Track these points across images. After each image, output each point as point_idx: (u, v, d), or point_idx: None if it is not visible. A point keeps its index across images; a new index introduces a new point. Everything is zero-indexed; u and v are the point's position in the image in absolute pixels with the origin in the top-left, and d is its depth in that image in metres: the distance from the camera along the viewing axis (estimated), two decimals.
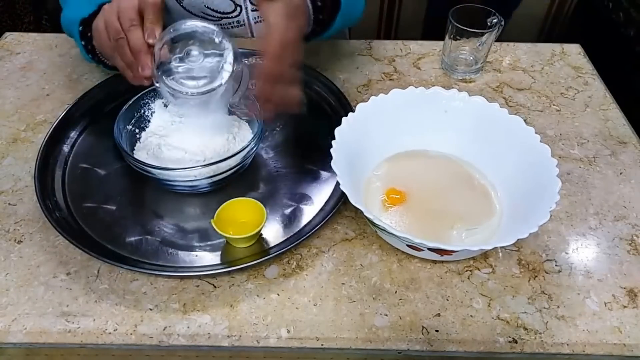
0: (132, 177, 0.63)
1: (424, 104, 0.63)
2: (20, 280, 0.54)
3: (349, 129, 0.58)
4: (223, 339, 0.50)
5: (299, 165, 0.66)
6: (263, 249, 0.57)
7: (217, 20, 0.89)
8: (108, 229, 0.59)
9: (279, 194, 0.63)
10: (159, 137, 0.63)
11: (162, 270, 0.54)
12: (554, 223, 0.61)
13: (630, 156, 0.69)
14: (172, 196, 0.62)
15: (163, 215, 0.60)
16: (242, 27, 0.90)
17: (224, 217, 0.55)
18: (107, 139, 0.62)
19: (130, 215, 0.60)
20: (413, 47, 0.88)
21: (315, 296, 0.53)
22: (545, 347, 0.50)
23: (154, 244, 0.57)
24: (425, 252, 0.53)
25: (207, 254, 0.56)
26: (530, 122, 0.73)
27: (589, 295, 0.54)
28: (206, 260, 0.56)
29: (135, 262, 0.55)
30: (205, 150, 0.61)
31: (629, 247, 0.59)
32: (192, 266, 0.55)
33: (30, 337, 0.50)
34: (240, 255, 0.56)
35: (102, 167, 0.66)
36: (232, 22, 0.89)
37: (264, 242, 0.57)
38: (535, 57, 0.86)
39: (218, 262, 0.56)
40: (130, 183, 0.64)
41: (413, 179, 0.62)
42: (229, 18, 0.88)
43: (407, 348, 0.50)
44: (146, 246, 0.57)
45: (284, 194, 0.63)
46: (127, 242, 0.57)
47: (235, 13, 0.87)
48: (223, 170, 0.58)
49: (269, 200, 0.61)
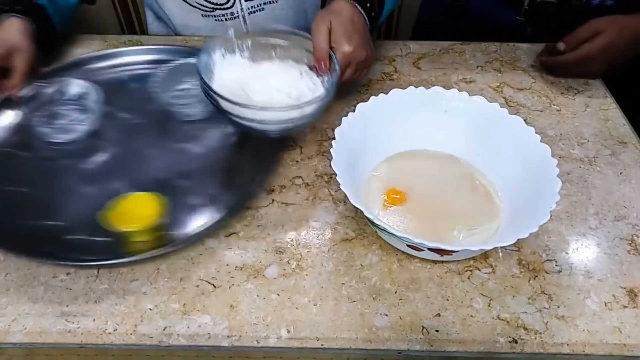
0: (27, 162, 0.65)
1: (424, 104, 0.63)
2: (20, 280, 0.54)
3: (349, 128, 0.58)
4: (223, 339, 0.50)
5: (216, 161, 0.67)
6: (167, 241, 0.56)
7: (211, 11, 0.89)
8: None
9: (189, 189, 0.63)
10: (237, 82, 0.64)
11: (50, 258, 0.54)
12: (554, 223, 0.61)
13: (630, 156, 0.69)
14: (69, 184, 0.63)
15: (57, 204, 0.60)
16: (236, 19, 0.90)
17: (124, 211, 0.56)
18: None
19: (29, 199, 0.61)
20: (413, 47, 0.88)
21: (315, 296, 0.53)
22: (546, 347, 0.50)
23: (51, 232, 0.57)
24: (425, 252, 0.53)
25: (104, 245, 0.56)
26: (530, 122, 0.73)
27: (589, 295, 0.54)
28: (102, 251, 0.55)
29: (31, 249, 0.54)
30: (292, 90, 0.63)
31: (629, 247, 0.58)
32: (85, 257, 0.55)
33: (30, 337, 0.50)
34: (139, 248, 0.55)
35: None
36: (225, 13, 0.89)
37: (169, 234, 0.57)
38: (535, 57, 0.86)
39: (115, 253, 0.55)
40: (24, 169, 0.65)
41: (413, 179, 0.61)
42: (222, 9, 0.88)
43: (407, 348, 0.50)
44: (44, 233, 0.57)
45: (195, 189, 0.63)
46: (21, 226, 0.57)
47: (229, 4, 0.87)
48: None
49: (178, 194, 0.62)
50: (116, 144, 0.68)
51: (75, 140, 0.69)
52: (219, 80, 0.65)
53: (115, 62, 0.81)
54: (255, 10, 0.89)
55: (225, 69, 0.67)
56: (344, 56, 0.66)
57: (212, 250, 0.57)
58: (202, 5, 0.88)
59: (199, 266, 0.56)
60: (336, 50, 0.66)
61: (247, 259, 0.56)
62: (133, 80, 0.78)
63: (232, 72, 0.66)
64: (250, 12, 0.89)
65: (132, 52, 0.82)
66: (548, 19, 0.90)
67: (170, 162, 0.66)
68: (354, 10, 0.69)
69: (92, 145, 0.68)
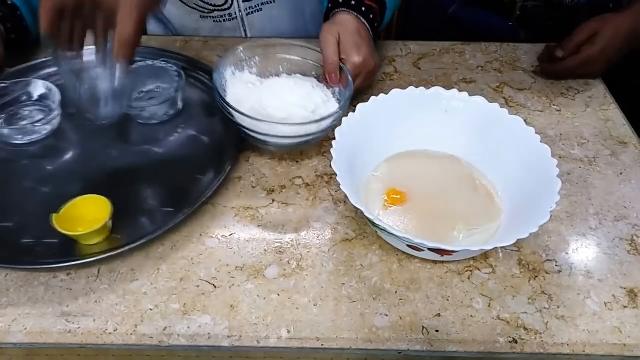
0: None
1: (424, 104, 0.63)
2: (20, 280, 0.54)
3: (349, 129, 0.58)
4: (223, 339, 0.50)
5: (176, 163, 0.67)
6: (117, 244, 0.56)
7: (209, 12, 0.89)
8: None
9: (147, 191, 0.64)
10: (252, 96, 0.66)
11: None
12: (554, 223, 0.61)
13: (630, 156, 0.69)
14: (27, 186, 0.63)
15: (14, 205, 0.61)
16: (234, 20, 0.90)
17: (71, 215, 0.55)
18: None
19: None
20: (413, 47, 0.88)
21: (315, 296, 0.53)
22: (545, 347, 0.50)
23: (5, 234, 0.57)
24: (425, 252, 0.53)
25: (56, 249, 0.56)
26: (530, 122, 0.73)
27: (589, 295, 0.54)
28: (55, 255, 0.55)
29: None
30: (307, 104, 0.65)
31: (629, 247, 0.58)
32: (39, 260, 0.55)
33: (30, 337, 0.50)
34: (89, 251, 0.55)
35: None
36: (223, 14, 0.89)
37: (118, 237, 0.57)
38: (536, 57, 0.86)
39: (66, 257, 0.55)
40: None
41: (413, 179, 0.61)
42: (220, 10, 0.88)
43: (407, 348, 0.50)
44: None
45: (154, 190, 0.63)
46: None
47: (226, 5, 0.88)
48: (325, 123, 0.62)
49: (135, 196, 0.62)
50: (76, 146, 0.68)
51: (35, 142, 0.68)
52: (233, 97, 0.66)
53: None
54: (252, 10, 0.89)
55: (237, 85, 0.69)
56: (354, 67, 0.67)
57: (212, 250, 0.57)
58: (200, 6, 0.88)
59: (199, 266, 0.56)
60: (346, 62, 0.67)
61: (247, 259, 0.56)
62: None
63: (244, 89, 0.68)
64: (248, 12, 0.89)
65: None
66: (541, 22, 0.90)
67: (130, 164, 0.66)
68: (358, 21, 0.70)
69: (52, 147, 0.68)
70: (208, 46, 0.87)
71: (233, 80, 0.69)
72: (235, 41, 0.87)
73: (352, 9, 0.71)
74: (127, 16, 0.55)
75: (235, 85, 0.69)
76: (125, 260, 0.56)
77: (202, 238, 0.58)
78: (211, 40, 0.88)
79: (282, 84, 0.69)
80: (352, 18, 0.70)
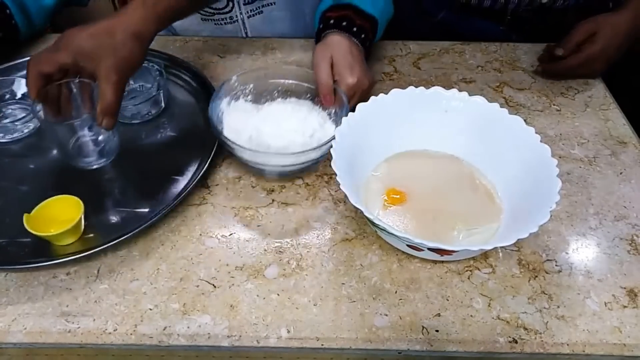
0: None
1: (424, 104, 0.63)
2: (20, 280, 0.54)
3: (349, 129, 0.58)
4: (223, 339, 0.50)
5: (154, 162, 0.67)
6: (94, 244, 0.56)
7: (210, 15, 0.89)
8: None
9: (125, 190, 0.64)
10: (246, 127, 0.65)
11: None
12: (554, 223, 0.61)
13: (630, 156, 0.69)
14: (5, 185, 0.63)
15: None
16: (235, 23, 0.90)
17: (44, 216, 0.55)
18: None
19: None
20: (413, 47, 0.88)
21: (315, 296, 0.53)
22: (546, 347, 0.50)
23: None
24: (425, 252, 0.53)
25: (30, 248, 0.56)
26: (530, 122, 0.73)
27: (589, 295, 0.54)
28: (28, 255, 0.56)
29: None
30: (305, 129, 0.64)
31: (629, 247, 0.58)
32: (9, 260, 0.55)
33: (30, 337, 0.50)
34: (64, 251, 0.55)
35: None
36: (224, 18, 0.89)
37: (93, 237, 0.58)
38: (535, 57, 0.85)
39: (39, 257, 0.55)
40: None
41: (413, 179, 0.61)
42: (222, 14, 0.88)
43: (407, 348, 0.50)
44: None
45: (131, 190, 0.64)
46: None
47: (227, 9, 0.88)
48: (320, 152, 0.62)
49: (107, 197, 0.63)
50: None
51: (17, 140, 0.69)
52: (231, 127, 0.65)
53: None
54: (254, 13, 0.89)
55: (233, 115, 0.67)
56: (348, 88, 0.67)
57: (212, 250, 0.57)
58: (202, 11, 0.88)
59: (199, 266, 0.56)
60: (340, 83, 0.67)
61: (247, 259, 0.56)
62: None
63: (241, 118, 0.67)
64: (250, 15, 0.89)
65: None
66: (532, 26, 0.90)
67: (112, 163, 0.67)
68: (350, 41, 0.70)
69: (33, 146, 0.68)
70: (208, 46, 0.87)
71: (229, 111, 0.68)
72: (235, 41, 0.88)
73: (344, 30, 0.71)
74: (106, 82, 0.56)
75: (232, 115, 0.67)
76: (125, 260, 0.56)
77: (202, 238, 0.58)
78: (211, 40, 0.88)
79: (278, 110, 0.68)
80: (344, 38, 0.70)
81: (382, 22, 0.77)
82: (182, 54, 0.82)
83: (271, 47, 0.87)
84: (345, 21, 0.71)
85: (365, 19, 0.73)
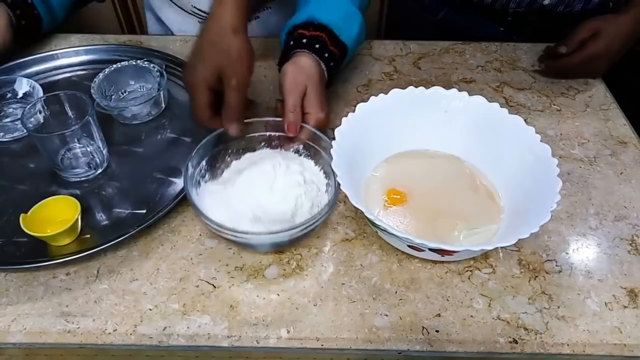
0: None
1: (424, 104, 0.63)
2: (20, 281, 0.54)
3: (349, 129, 0.58)
4: (223, 339, 0.50)
5: (155, 163, 0.67)
6: (94, 244, 0.56)
7: (204, 20, 0.89)
8: None
9: (125, 191, 0.64)
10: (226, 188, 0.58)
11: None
12: (555, 223, 0.61)
13: (630, 156, 0.69)
14: (3, 184, 0.63)
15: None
16: None
17: (40, 216, 0.55)
18: None
19: None
20: (413, 47, 0.88)
21: (315, 296, 0.53)
22: (546, 348, 0.50)
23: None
24: (425, 252, 0.53)
25: (27, 248, 0.56)
26: (531, 122, 0.72)
27: (590, 295, 0.54)
28: (24, 255, 0.56)
29: None
30: (300, 194, 0.57)
31: (630, 247, 0.58)
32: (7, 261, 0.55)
33: (30, 337, 0.50)
34: (61, 252, 0.56)
35: None
36: None
37: (93, 238, 0.58)
38: (535, 57, 0.85)
39: (38, 257, 0.55)
40: None
41: (413, 179, 0.61)
42: None
43: (407, 348, 0.50)
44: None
45: (131, 190, 0.64)
46: None
47: None
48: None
49: (105, 198, 0.63)
50: None
51: (18, 139, 0.69)
52: (216, 214, 0.54)
53: (61, 63, 0.81)
54: (251, 18, 0.89)
55: (208, 202, 0.57)
56: (318, 123, 0.62)
57: (212, 250, 0.57)
58: (198, 13, 0.88)
59: (199, 266, 0.56)
60: (310, 117, 0.62)
61: (247, 259, 0.56)
62: (79, 81, 0.79)
63: (220, 202, 0.57)
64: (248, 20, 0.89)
65: (79, 53, 0.82)
66: (532, 28, 0.90)
67: (112, 164, 0.67)
68: (319, 68, 0.66)
69: (34, 145, 0.67)
70: None
71: (204, 197, 0.58)
72: None
73: (316, 52, 0.66)
74: (228, 89, 0.58)
75: (207, 202, 0.57)
76: (125, 261, 0.56)
77: (202, 238, 0.58)
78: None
79: (249, 180, 0.58)
80: (315, 64, 0.65)
81: (351, 51, 0.73)
82: (182, 54, 0.82)
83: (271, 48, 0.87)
84: (318, 44, 0.67)
85: (337, 46, 0.69)
